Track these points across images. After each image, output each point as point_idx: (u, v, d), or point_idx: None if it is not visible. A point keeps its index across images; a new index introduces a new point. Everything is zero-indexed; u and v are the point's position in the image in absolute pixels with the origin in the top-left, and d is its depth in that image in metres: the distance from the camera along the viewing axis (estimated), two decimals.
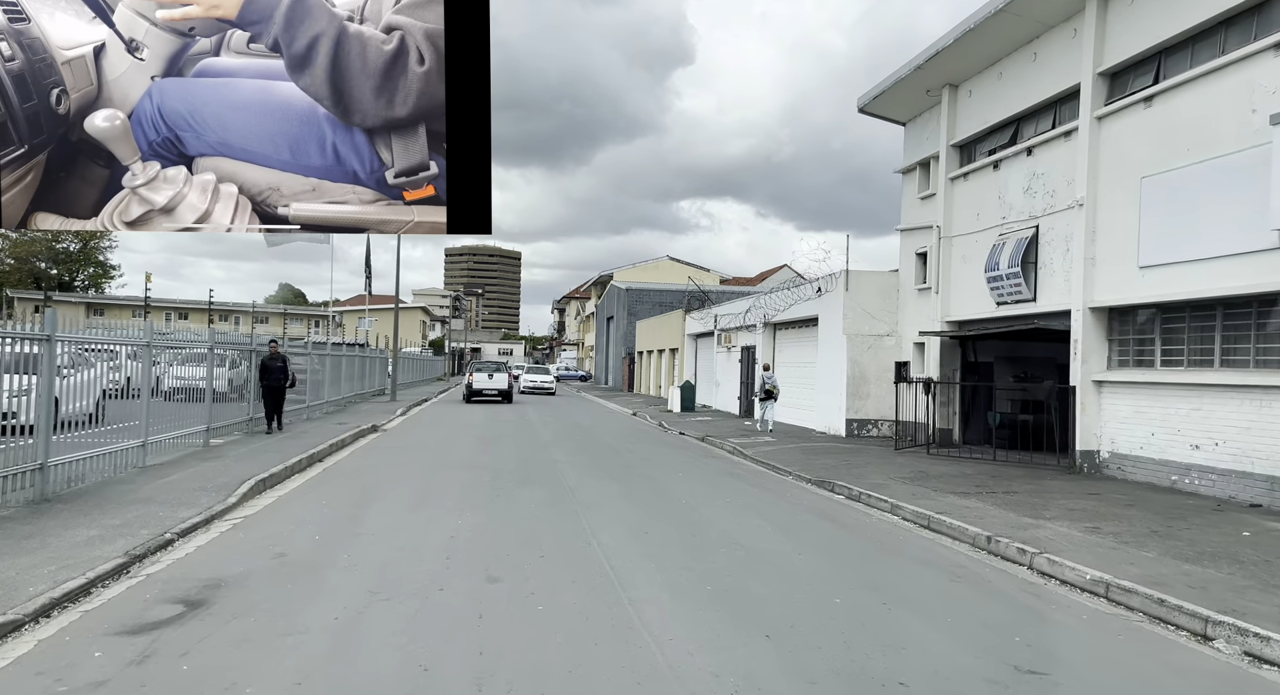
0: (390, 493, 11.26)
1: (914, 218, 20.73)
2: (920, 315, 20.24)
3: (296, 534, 8.53)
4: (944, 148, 18.83)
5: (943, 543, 9.32)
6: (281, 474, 12.50)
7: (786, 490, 13.02)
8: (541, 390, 45.89)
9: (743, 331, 30.68)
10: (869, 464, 15.64)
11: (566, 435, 21.27)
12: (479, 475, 13.11)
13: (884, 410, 21.46)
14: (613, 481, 12.85)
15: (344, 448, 17.28)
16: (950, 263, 18.82)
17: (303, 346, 24.83)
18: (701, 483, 13.26)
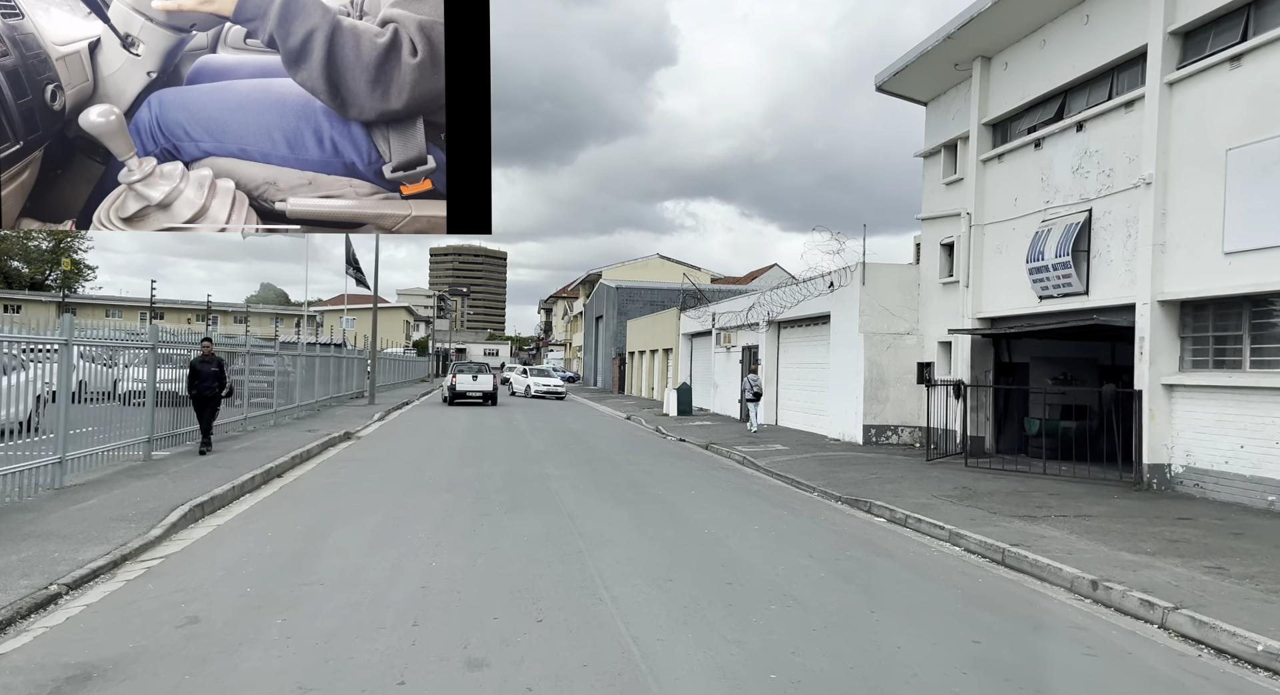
0: (353, 522, 9.38)
1: (938, 205, 18.98)
2: (946, 312, 18.50)
3: (223, 585, 6.64)
4: (975, 127, 17.09)
5: (1032, 586, 7.53)
6: (226, 496, 10.59)
7: (818, 512, 11.21)
8: (552, 395, 41.79)
9: (743, 330, 28.89)
10: (902, 478, 13.87)
11: (559, 444, 19.41)
12: (460, 497, 11.23)
13: (904, 415, 19.72)
14: (618, 504, 11.00)
15: (309, 460, 15.36)
16: (982, 253, 17.08)
17: (270, 346, 22.83)
18: (720, 504, 11.44)
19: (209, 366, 14.32)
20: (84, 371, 11.64)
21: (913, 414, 19.73)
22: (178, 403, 14.97)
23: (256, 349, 21.01)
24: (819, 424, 22.79)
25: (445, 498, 11.08)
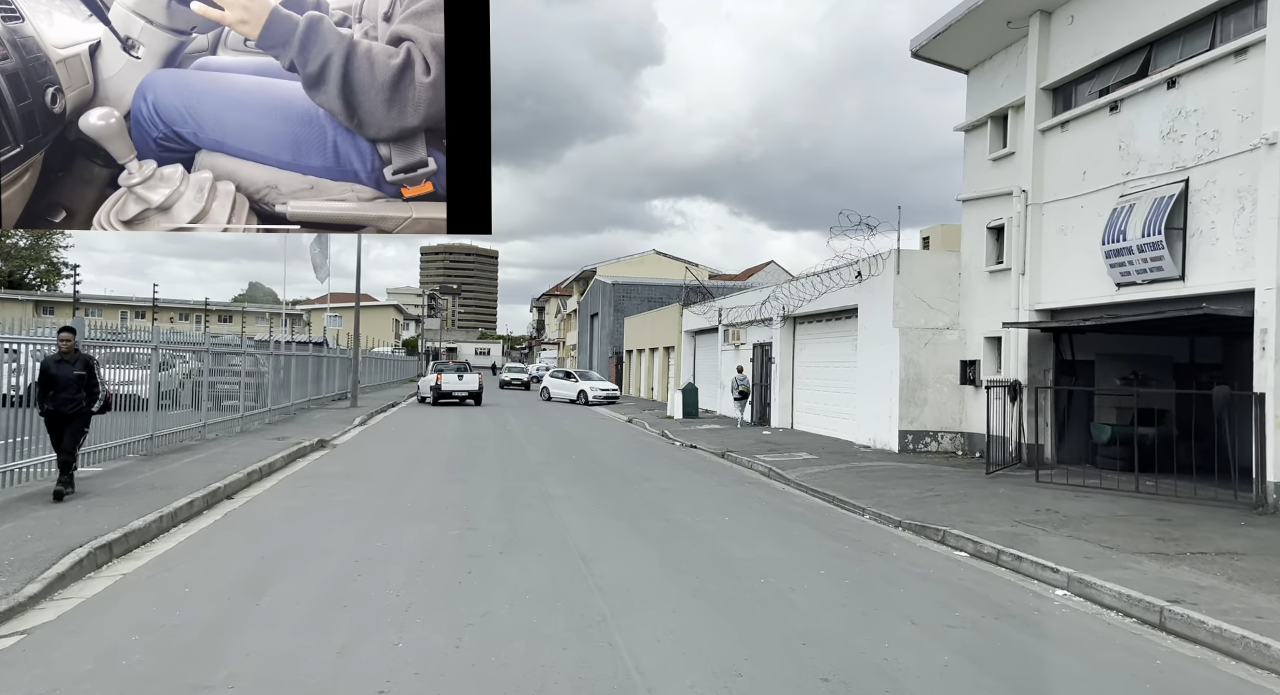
0: (302, 569, 7.23)
1: (983, 184, 16.90)
2: (994, 303, 16.43)
3: (83, 690, 4.50)
4: (1032, 92, 15.00)
5: (1239, 673, 5.44)
6: (149, 530, 8.43)
7: (884, 545, 9.11)
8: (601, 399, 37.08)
9: (755, 326, 26.78)
10: (965, 496, 11.79)
11: (559, 452, 17.26)
12: (445, 527, 9.09)
13: (944, 420, 17.64)
14: (641, 537, 8.87)
15: (270, 475, 13.20)
16: (1041, 236, 15.00)
17: (238, 344, 20.62)
18: (764, 534, 9.32)
19: (70, 369, 9.75)
20: None
21: (953, 418, 17.66)
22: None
23: (219, 347, 18.80)
24: (842, 428, 20.69)
25: (425, 529, 8.94)
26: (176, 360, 17.11)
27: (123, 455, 13.18)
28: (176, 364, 17.17)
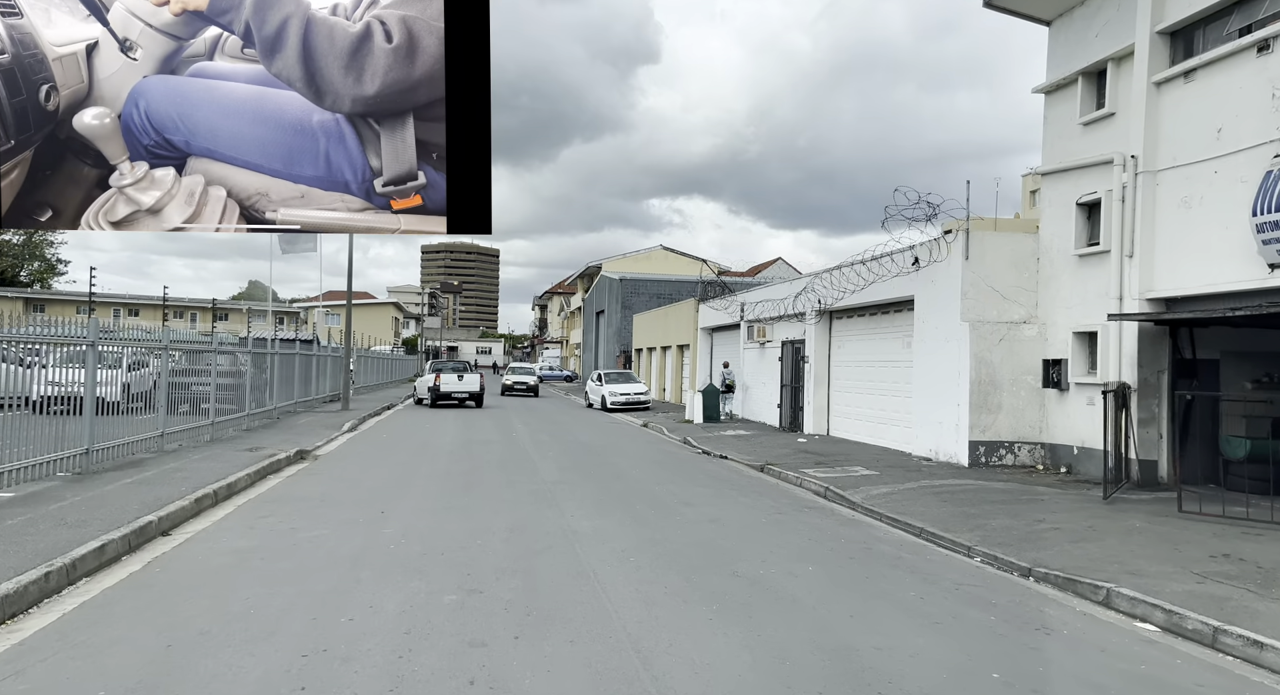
0: (218, 673, 4.79)
1: (1071, 153, 14.45)
2: (1084, 292, 14.00)
3: None
4: (1145, 38, 12.54)
5: None
6: (29, 593, 6.02)
7: (1035, 612, 6.67)
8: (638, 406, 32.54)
9: (784, 322, 24.33)
10: (1093, 530, 9.37)
11: (574, 467, 14.82)
12: (437, 589, 6.64)
13: (1021, 429, 15.19)
14: (710, 608, 6.39)
15: (229, 499, 10.81)
16: (1155, 210, 12.55)
17: (207, 341, 18.16)
18: (876, 601, 6.87)
19: None
20: None
21: (1032, 427, 15.21)
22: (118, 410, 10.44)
23: (181, 345, 16.36)
24: (892, 436, 18.25)
25: (411, 590, 6.50)
26: (150, 359, 14.76)
27: (52, 474, 10.79)
28: (150, 363, 14.81)
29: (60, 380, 11.49)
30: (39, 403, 10.75)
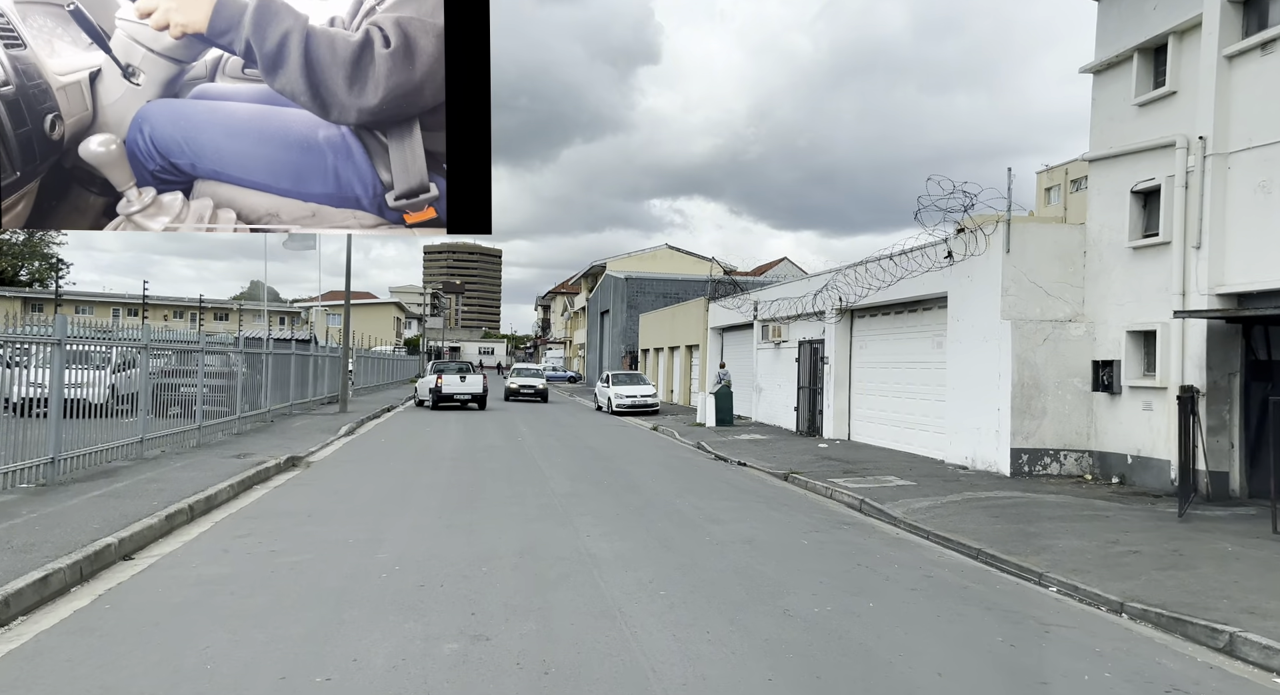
0: None
1: (1124, 137, 13.34)
2: (1140, 288, 12.89)
3: None
4: (1215, 7, 11.42)
5: None
6: None
7: (1147, 661, 5.56)
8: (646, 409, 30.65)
9: (801, 321, 23.21)
10: (1179, 555, 8.28)
11: (586, 478, 13.72)
12: (435, 635, 5.52)
13: (1067, 436, 14.07)
14: (762, 661, 5.26)
15: (207, 514, 9.75)
16: (1227, 196, 11.44)
17: (195, 341, 17.08)
18: (961, 649, 5.75)
19: None
20: None
21: (1079, 434, 14.09)
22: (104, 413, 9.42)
23: (164, 343, 15.31)
24: (921, 442, 17.14)
25: (405, 635, 5.39)
26: (139, 358, 13.73)
27: (13, 486, 9.77)
28: (138, 363, 13.78)
29: (42, 381, 10.55)
30: (19, 405, 9.89)
